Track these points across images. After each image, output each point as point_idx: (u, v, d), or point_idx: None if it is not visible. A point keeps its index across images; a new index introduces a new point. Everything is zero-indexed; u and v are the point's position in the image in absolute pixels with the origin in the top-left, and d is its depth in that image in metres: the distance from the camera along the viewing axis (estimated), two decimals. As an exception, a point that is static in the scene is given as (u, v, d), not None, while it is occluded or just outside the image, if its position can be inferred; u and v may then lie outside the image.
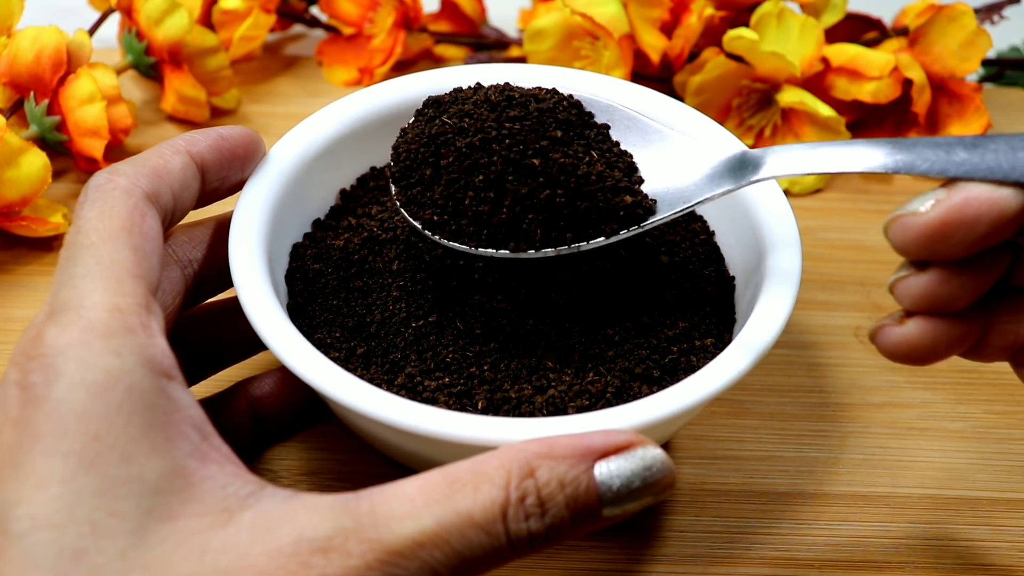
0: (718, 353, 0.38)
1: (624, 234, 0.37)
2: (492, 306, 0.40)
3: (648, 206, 0.38)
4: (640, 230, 0.37)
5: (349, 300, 0.40)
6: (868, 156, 0.33)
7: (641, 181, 0.39)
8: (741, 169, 0.37)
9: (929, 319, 0.33)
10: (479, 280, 0.40)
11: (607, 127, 0.40)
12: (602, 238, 0.37)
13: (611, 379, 0.37)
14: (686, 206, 0.37)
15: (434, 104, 0.40)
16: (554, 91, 0.40)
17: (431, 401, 0.37)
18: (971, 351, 0.35)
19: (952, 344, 0.34)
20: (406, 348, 0.38)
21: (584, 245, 0.37)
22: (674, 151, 0.39)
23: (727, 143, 0.43)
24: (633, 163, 0.39)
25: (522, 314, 0.39)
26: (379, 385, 0.37)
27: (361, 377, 0.37)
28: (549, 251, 0.37)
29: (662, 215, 0.38)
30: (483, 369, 0.38)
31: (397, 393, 0.37)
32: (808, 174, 0.35)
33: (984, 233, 0.31)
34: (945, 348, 0.34)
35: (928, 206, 0.31)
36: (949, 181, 0.32)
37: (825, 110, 0.55)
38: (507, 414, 0.37)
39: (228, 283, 0.39)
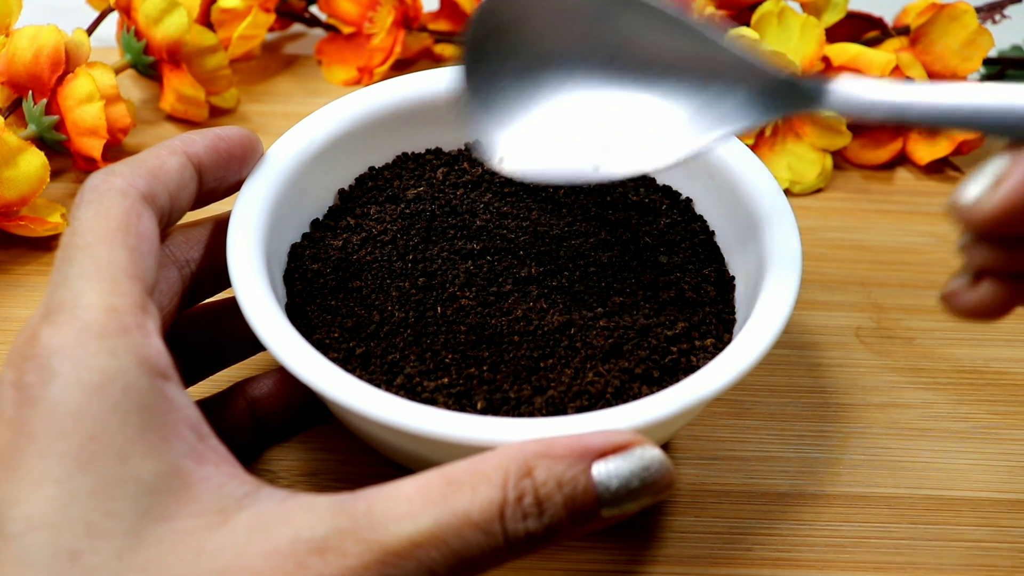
0: (718, 353, 0.38)
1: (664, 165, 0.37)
2: (490, 307, 0.39)
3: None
4: (679, 160, 0.37)
5: (347, 300, 0.40)
6: (951, 96, 0.32)
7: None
8: (789, 96, 0.35)
9: (1001, 280, 0.33)
10: (478, 283, 0.40)
11: None
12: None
13: (611, 379, 0.37)
14: (724, 132, 0.36)
15: None
16: None
17: (430, 402, 0.37)
18: None
19: (1017, 298, 0.33)
20: (405, 348, 0.38)
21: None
22: (728, 64, 0.36)
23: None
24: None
25: (521, 315, 0.39)
26: (378, 386, 0.37)
27: (360, 378, 0.37)
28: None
29: (702, 140, 0.36)
30: (482, 370, 0.38)
31: (396, 394, 0.36)
32: (873, 118, 0.33)
33: None
34: (1012, 303, 0.33)
35: (988, 187, 0.30)
36: (1010, 146, 0.31)
37: (826, 109, 0.54)
38: (506, 414, 0.37)
39: (226, 283, 0.38)
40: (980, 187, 0.31)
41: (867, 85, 0.33)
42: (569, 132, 0.38)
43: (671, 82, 0.37)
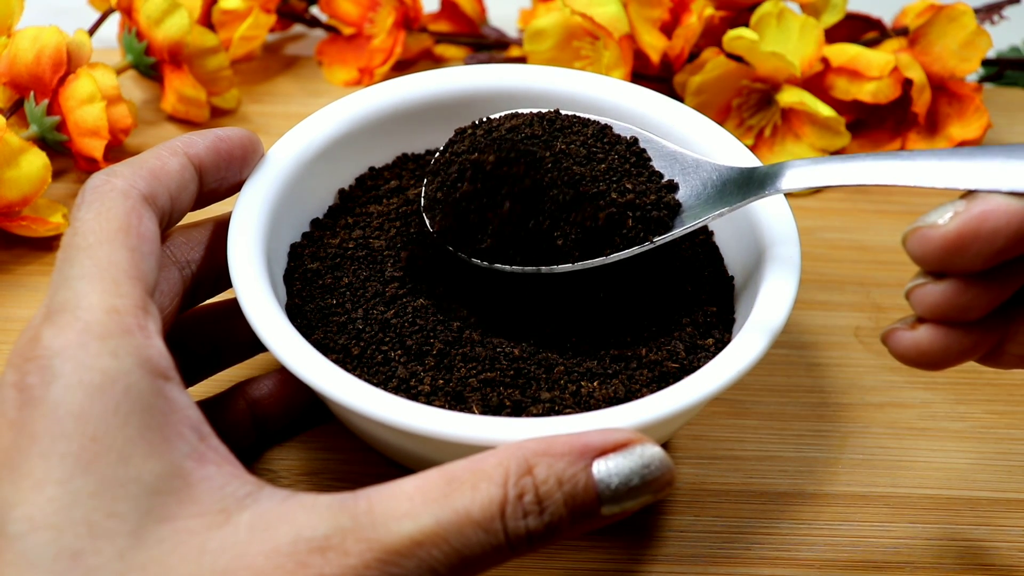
0: (718, 353, 0.38)
1: (626, 253, 0.38)
2: (490, 318, 0.39)
3: (657, 218, 0.38)
4: (644, 248, 0.38)
5: (343, 299, 0.40)
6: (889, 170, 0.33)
7: (671, 204, 0.39)
8: (748, 185, 0.37)
9: (942, 326, 0.33)
10: (478, 290, 0.40)
11: (647, 158, 0.40)
12: (609, 255, 0.38)
13: (618, 385, 0.37)
14: (695, 223, 0.38)
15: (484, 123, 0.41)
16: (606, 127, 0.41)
17: (428, 404, 0.37)
18: (988, 358, 0.34)
19: (965, 352, 0.34)
20: (401, 349, 0.38)
21: (593, 262, 0.38)
22: (689, 170, 0.40)
23: (733, 152, 0.43)
24: (666, 185, 0.40)
25: (521, 321, 0.39)
26: (376, 386, 0.37)
27: (359, 377, 0.37)
28: (566, 267, 0.38)
29: (670, 233, 0.38)
30: (481, 373, 0.38)
31: (394, 394, 0.36)
32: (821, 187, 0.35)
33: (1002, 247, 0.31)
34: (957, 355, 0.34)
35: (947, 218, 0.31)
36: (969, 192, 0.32)
37: (825, 110, 0.55)
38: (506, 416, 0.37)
39: (226, 284, 0.39)
40: (939, 216, 0.32)
41: (807, 169, 0.36)
42: None
43: None
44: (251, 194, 0.40)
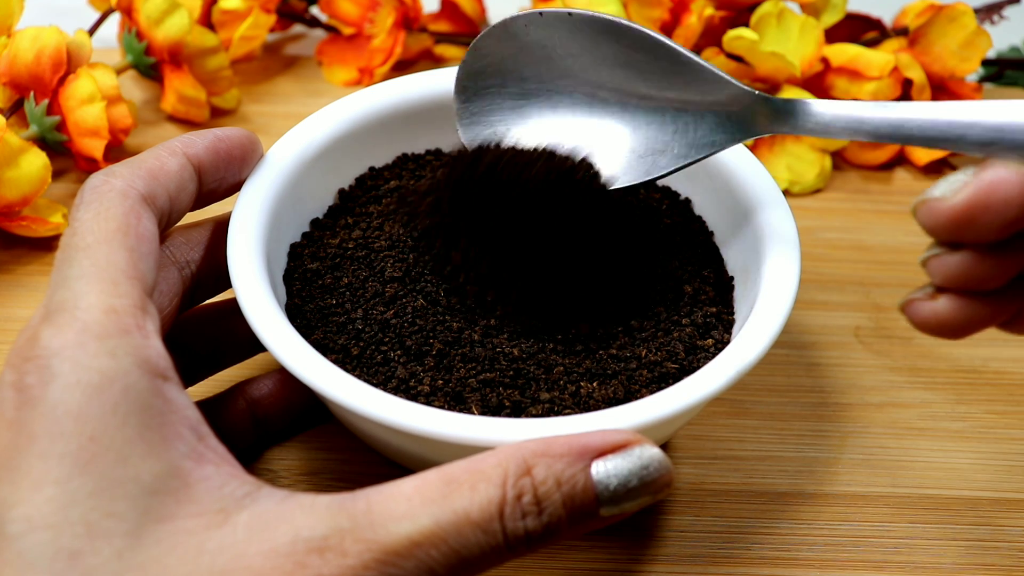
0: (718, 353, 0.38)
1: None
2: (490, 308, 0.39)
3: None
4: (667, 174, 0.39)
5: (343, 300, 0.40)
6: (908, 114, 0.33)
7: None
8: (761, 116, 0.37)
9: (961, 296, 0.33)
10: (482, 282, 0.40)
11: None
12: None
13: (617, 385, 0.37)
14: (711, 151, 0.38)
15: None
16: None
17: (427, 404, 0.37)
18: (1008, 325, 0.34)
19: (984, 319, 0.33)
20: (401, 349, 0.38)
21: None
22: (702, 87, 0.39)
23: (734, 152, 0.43)
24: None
25: (524, 319, 0.39)
26: (375, 386, 0.37)
27: (359, 378, 0.37)
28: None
29: (691, 158, 0.39)
30: (481, 373, 0.38)
31: (393, 394, 0.36)
32: (841, 136, 0.35)
33: (1014, 218, 0.30)
34: (977, 324, 0.33)
35: (955, 189, 0.31)
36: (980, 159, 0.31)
37: (825, 110, 0.54)
38: (505, 416, 0.37)
39: (226, 284, 0.39)
40: (947, 187, 0.31)
41: (837, 104, 0.35)
42: None
43: (648, 112, 0.40)
44: (251, 194, 0.40)
